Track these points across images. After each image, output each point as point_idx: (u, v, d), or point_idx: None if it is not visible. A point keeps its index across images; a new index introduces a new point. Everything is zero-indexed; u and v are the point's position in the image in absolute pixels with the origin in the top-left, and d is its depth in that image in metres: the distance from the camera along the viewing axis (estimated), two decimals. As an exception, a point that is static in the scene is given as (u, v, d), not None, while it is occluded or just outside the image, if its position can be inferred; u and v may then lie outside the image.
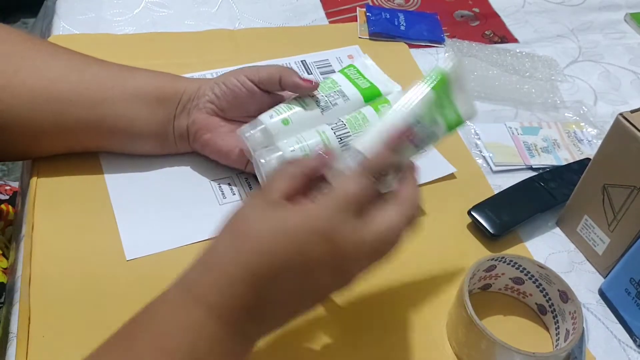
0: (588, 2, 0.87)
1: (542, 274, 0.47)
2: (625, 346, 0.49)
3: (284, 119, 0.51)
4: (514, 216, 0.54)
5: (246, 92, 0.51)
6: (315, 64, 0.70)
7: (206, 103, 0.52)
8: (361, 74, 0.56)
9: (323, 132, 0.51)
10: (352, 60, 0.71)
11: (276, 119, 0.51)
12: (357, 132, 0.52)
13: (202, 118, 0.52)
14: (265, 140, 0.50)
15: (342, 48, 0.72)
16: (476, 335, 0.43)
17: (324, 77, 0.68)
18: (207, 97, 0.52)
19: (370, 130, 0.42)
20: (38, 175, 0.53)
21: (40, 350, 0.42)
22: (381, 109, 0.53)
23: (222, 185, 0.55)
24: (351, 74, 0.56)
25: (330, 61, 0.70)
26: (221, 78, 0.52)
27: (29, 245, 0.48)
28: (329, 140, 0.51)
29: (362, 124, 0.52)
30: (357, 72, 0.57)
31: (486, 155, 0.62)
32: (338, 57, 0.71)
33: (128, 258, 0.48)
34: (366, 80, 0.56)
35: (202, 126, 0.52)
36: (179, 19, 0.74)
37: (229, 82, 0.51)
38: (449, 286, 0.49)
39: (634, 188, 0.48)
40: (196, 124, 0.52)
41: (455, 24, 0.81)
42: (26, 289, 0.45)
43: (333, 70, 0.69)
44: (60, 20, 0.70)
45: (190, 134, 0.53)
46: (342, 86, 0.55)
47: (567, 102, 0.71)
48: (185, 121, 0.53)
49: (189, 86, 0.52)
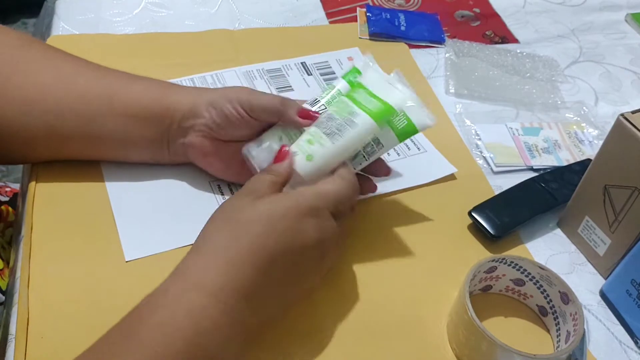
0: (589, 2, 0.87)
1: (542, 275, 0.47)
2: (627, 348, 0.49)
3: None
4: (514, 217, 0.54)
5: (241, 120, 0.50)
6: (315, 65, 0.69)
7: (202, 126, 0.50)
8: (370, 94, 0.49)
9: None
10: (352, 62, 0.70)
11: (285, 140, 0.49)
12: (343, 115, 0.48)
13: (199, 141, 0.51)
14: (271, 158, 0.49)
15: (342, 50, 0.72)
16: (477, 336, 0.43)
17: (326, 82, 0.67)
18: (203, 120, 0.50)
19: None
20: (37, 176, 0.53)
21: (38, 351, 0.42)
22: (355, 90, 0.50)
23: (221, 185, 0.55)
24: (360, 98, 0.49)
25: (330, 63, 0.70)
26: (216, 99, 0.50)
27: (28, 247, 0.48)
28: None
29: (345, 108, 0.48)
30: (366, 93, 0.49)
31: (487, 155, 0.62)
32: (338, 59, 0.71)
33: (127, 259, 0.48)
34: (377, 99, 0.48)
35: (199, 149, 0.51)
36: (179, 19, 0.74)
37: (225, 108, 0.49)
38: (450, 287, 0.49)
39: (635, 189, 0.47)
40: (193, 147, 0.51)
41: (456, 24, 0.81)
42: (25, 290, 0.45)
43: (333, 72, 0.69)
44: (60, 21, 0.70)
45: (187, 153, 0.52)
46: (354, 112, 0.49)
47: (567, 103, 0.70)
48: (182, 140, 0.51)
49: (181, 103, 0.50)
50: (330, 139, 0.46)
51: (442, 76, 0.72)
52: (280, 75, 0.68)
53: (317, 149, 0.46)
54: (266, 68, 0.68)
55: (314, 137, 0.47)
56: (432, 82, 0.70)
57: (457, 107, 0.68)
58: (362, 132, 0.46)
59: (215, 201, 0.53)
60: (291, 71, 0.68)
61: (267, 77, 0.67)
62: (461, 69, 0.72)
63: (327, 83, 0.67)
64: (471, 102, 0.69)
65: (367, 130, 0.46)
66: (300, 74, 0.68)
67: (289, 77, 0.68)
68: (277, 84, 0.66)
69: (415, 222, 0.54)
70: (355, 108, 0.47)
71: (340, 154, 0.46)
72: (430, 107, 0.50)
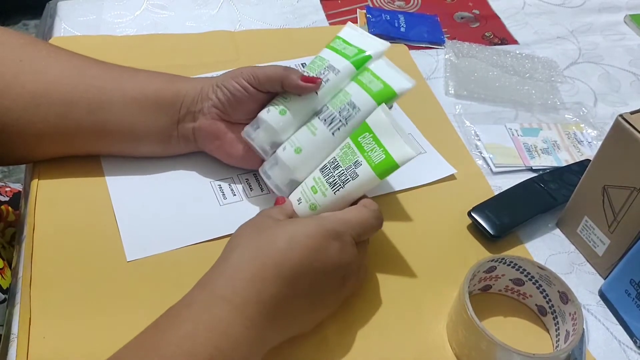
0: (588, 3, 0.88)
1: (542, 275, 0.47)
2: (626, 347, 0.49)
3: (281, 109, 0.51)
4: (514, 217, 0.54)
5: (247, 96, 0.51)
6: None
7: (211, 108, 0.51)
8: (347, 43, 0.54)
9: (314, 126, 0.51)
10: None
11: (274, 112, 0.51)
12: (339, 106, 0.50)
13: (208, 124, 0.52)
14: (271, 136, 0.51)
15: None
16: (476, 336, 0.43)
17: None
18: (211, 102, 0.51)
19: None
20: (39, 176, 0.53)
21: (40, 351, 0.42)
22: (364, 80, 0.51)
23: (222, 185, 0.55)
24: (337, 45, 0.54)
25: None
26: (221, 80, 0.52)
27: (30, 247, 0.48)
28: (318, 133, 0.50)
29: (342, 98, 0.51)
30: (343, 42, 0.54)
31: (486, 156, 0.62)
32: None
33: (129, 259, 0.48)
34: (353, 47, 0.53)
35: (209, 132, 0.52)
36: (180, 21, 0.74)
37: (230, 85, 0.51)
38: (449, 287, 0.49)
39: (634, 189, 0.48)
40: (203, 130, 0.52)
41: (456, 26, 0.81)
42: (27, 290, 0.45)
43: None
44: (62, 22, 0.71)
45: (197, 138, 0.53)
46: (331, 60, 0.53)
47: (567, 104, 0.71)
48: (191, 124, 0.52)
49: (190, 88, 0.52)
50: (332, 189, 0.47)
51: (442, 77, 0.72)
52: None
53: (320, 198, 0.48)
54: None
55: (318, 184, 0.48)
56: (431, 83, 0.70)
57: (456, 108, 0.68)
58: (364, 183, 0.47)
59: (217, 201, 0.54)
60: None
61: None
62: (461, 70, 0.73)
63: None
64: (471, 103, 0.69)
65: (368, 182, 0.47)
66: None
67: None
68: None
69: (415, 222, 0.55)
70: (359, 157, 0.48)
71: (341, 202, 0.48)
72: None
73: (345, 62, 0.52)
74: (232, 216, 0.52)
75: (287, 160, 0.50)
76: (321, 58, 0.54)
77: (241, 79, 0.51)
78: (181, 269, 0.48)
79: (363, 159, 0.47)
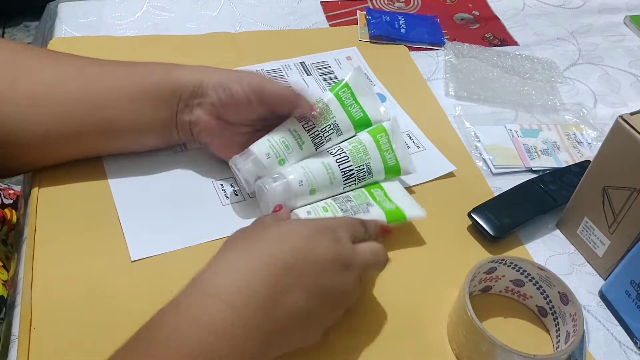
0: (588, 4, 0.88)
1: (542, 276, 0.47)
2: (626, 348, 0.49)
3: (281, 159, 0.51)
4: (514, 218, 0.55)
5: (247, 103, 0.50)
6: (314, 65, 0.70)
7: (208, 105, 0.51)
8: (354, 99, 0.55)
9: (328, 165, 0.52)
10: (350, 62, 0.71)
11: (272, 158, 0.51)
12: (359, 164, 0.52)
13: (205, 120, 0.52)
14: (258, 171, 0.51)
15: (341, 50, 0.73)
16: (477, 337, 0.43)
17: (325, 82, 0.68)
18: (210, 99, 0.51)
19: None
20: (41, 179, 0.53)
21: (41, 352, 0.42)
22: (380, 139, 0.54)
23: (224, 185, 0.55)
24: (345, 98, 0.55)
25: (329, 62, 0.71)
26: (225, 79, 0.51)
27: (31, 248, 0.48)
28: (333, 175, 0.52)
29: (363, 157, 0.53)
30: (351, 95, 0.55)
31: (486, 157, 0.62)
32: (336, 59, 0.71)
33: (133, 259, 0.49)
34: (359, 107, 0.55)
35: (204, 128, 0.52)
36: (180, 22, 0.74)
37: (233, 89, 0.50)
38: (450, 288, 0.49)
39: (634, 190, 0.48)
40: (199, 125, 0.52)
41: (455, 27, 0.81)
42: (28, 291, 0.45)
43: (332, 71, 0.69)
44: (62, 24, 0.71)
45: (193, 132, 0.53)
46: (337, 117, 0.54)
47: (567, 105, 0.71)
48: (188, 117, 0.52)
49: (190, 78, 0.51)
50: (342, 213, 0.49)
51: (442, 78, 0.72)
52: (280, 75, 0.68)
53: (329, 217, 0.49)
54: (266, 69, 0.68)
55: (330, 207, 0.50)
56: (431, 85, 0.71)
57: (456, 109, 0.68)
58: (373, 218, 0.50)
59: (219, 201, 0.54)
60: (290, 71, 0.69)
61: None
62: (461, 71, 0.73)
63: (327, 83, 0.68)
64: (470, 104, 0.69)
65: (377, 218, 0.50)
66: (299, 74, 0.68)
67: (289, 77, 0.68)
68: None
69: (415, 223, 0.55)
70: (371, 201, 0.51)
71: None
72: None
73: (348, 124, 0.54)
74: (234, 216, 0.53)
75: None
76: (328, 110, 0.54)
77: (246, 87, 0.50)
78: (185, 269, 0.48)
79: (375, 203, 0.51)
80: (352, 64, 0.70)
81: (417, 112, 0.66)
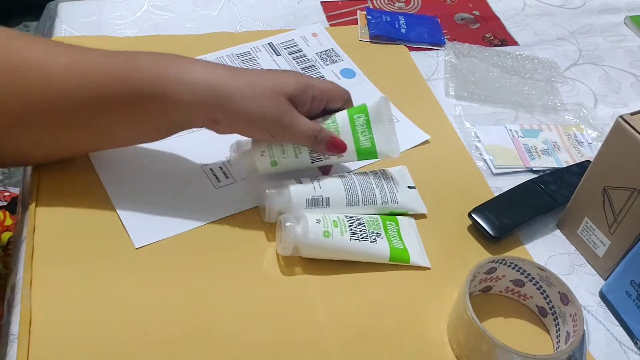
0: (588, 5, 0.88)
1: (542, 276, 0.47)
2: (626, 348, 0.49)
3: (273, 161, 0.52)
4: (514, 218, 0.55)
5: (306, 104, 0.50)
6: (282, 45, 0.71)
7: (204, 125, 0.50)
8: (368, 126, 0.52)
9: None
10: (317, 38, 0.71)
11: (267, 164, 0.52)
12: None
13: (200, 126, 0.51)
14: (249, 173, 0.53)
15: (306, 27, 0.74)
16: (477, 337, 0.43)
17: (295, 60, 0.68)
18: (205, 125, 0.49)
19: None
20: (40, 179, 0.53)
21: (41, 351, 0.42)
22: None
23: (214, 169, 0.56)
24: (358, 124, 0.52)
25: (296, 40, 0.71)
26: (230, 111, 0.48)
27: (31, 248, 0.48)
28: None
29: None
30: (365, 122, 0.52)
31: (486, 157, 0.62)
32: (303, 37, 0.72)
33: (137, 246, 0.49)
34: (370, 137, 0.52)
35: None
36: (181, 22, 0.74)
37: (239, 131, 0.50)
38: (450, 288, 0.49)
39: (634, 190, 0.48)
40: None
41: (456, 27, 0.81)
42: (27, 290, 0.45)
43: (300, 49, 0.70)
44: (62, 24, 0.71)
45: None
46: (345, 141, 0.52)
47: (567, 105, 0.71)
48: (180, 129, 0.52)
49: (182, 105, 0.48)
50: (350, 236, 0.49)
51: (442, 78, 0.72)
52: (250, 58, 0.68)
53: (335, 233, 0.49)
54: (235, 52, 0.69)
55: (341, 223, 0.50)
56: (432, 85, 0.70)
57: (456, 110, 0.68)
58: (376, 253, 0.50)
59: (211, 185, 0.55)
60: (260, 53, 0.69)
61: (237, 61, 0.68)
62: (461, 71, 0.73)
63: (297, 62, 0.68)
64: (471, 104, 0.69)
65: (381, 256, 0.50)
66: (269, 55, 0.69)
67: (259, 59, 0.68)
68: (249, 67, 0.67)
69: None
70: (382, 232, 0.51)
71: (346, 249, 0.49)
72: None
73: (352, 150, 0.52)
74: (228, 198, 0.54)
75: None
76: (337, 129, 0.52)
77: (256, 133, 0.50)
78: (184, 253, 0.49)
79: (385, 235, 0.51)
80: (319, 40, 0.70)
81: (417, 112, 0.66)
